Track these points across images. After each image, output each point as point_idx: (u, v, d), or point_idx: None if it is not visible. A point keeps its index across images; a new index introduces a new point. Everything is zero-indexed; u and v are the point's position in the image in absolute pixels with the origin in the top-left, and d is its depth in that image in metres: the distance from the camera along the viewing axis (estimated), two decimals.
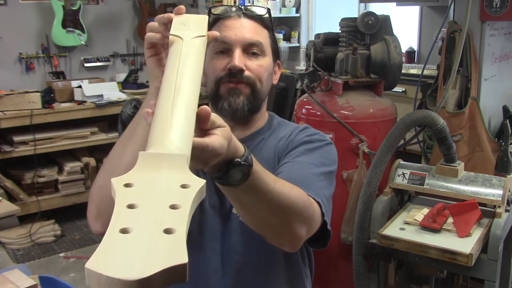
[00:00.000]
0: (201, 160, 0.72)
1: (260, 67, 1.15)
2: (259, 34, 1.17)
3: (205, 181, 0.57)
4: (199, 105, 0.72)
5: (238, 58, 1.12)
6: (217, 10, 1.20)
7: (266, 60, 1.18)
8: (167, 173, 0.57)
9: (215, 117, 0.74)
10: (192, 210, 0.53)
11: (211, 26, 1.19)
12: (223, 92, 1.15)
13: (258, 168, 0.85)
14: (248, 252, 1.17)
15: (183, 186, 0.55)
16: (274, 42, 1.22)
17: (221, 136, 0.73)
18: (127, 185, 0.55)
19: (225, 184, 0.81)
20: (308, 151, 1.15)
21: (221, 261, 1.16)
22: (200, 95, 0.75)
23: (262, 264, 1.18)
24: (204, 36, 0.83)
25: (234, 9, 1.18)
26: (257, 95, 1.16)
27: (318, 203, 1.03)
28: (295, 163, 1.12)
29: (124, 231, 0.49)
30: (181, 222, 0.51)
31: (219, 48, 1.15)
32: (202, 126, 0.72)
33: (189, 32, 0.82)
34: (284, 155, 1.18)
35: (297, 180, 1.01)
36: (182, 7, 0.89)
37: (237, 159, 0.79)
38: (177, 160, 0.59)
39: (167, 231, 0.49)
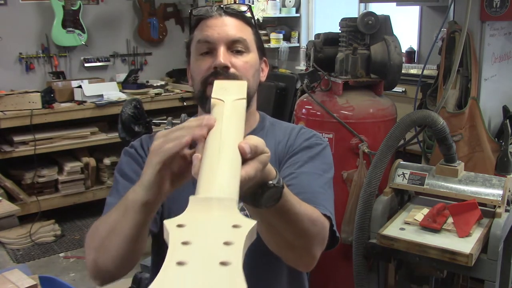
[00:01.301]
0: None
1: (245, 64, 1.13)
2: (242, 31, 1.15)
3: (255, 222, 0.58)
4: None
5: (223, 56, 1.10)
6: (198, 11, 1.18)
7: (252, 57, 1.16)
8: (218, 215, 0.60)
9: (257, 142, 0.73)
10: (245, 248, 0.55)
11: (193, 28, 1.18)
12: (210, 92, 1.13)
13: (286, 190, 0.86)
14: (250, 256, 1.16)
15: (235, 226, 0.57)
16: (258, 39, 1.21)
17: (257, 162, 0.73)
18: (180, 226, 0.57)
19: (258, 207, 0.82)
20: (310, 158, 1.15)
21: None
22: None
23: (264, 267, 1.18)
24: (244, 98, 0.85)
25: (215, 8, 1.16)
26: None
27: (329, 217, 1.05)
28: (302, 176, 1.12)
29: (180, 263, 0.51)
30: (236, 256, 0.52)
31: (203, 49, 1.13)
32: (244, 157, 0.72)
33: (229, 96, 0.84)
34: (286, 160, 1.18)
35: (307, 196, 1.03)
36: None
37: (270, 182, 0.80)
38: (227, 204, 0.62)
39: (223, 264, 0.51)
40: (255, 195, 0.80)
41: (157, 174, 0.79)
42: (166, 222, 0.57)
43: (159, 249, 1.20)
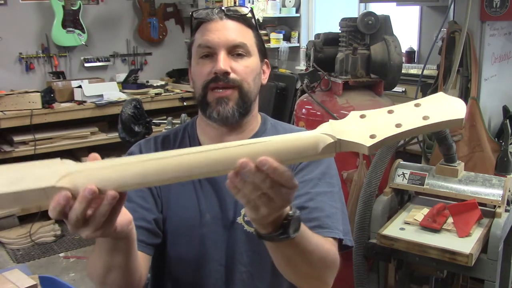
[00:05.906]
0: (281, 196, 0.72)
1: (246, 68, 1.12)
2: (243, 35, 1.14)
3: None
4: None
5: (223, 61, 1.09)
6: (199, 14, 1.17)
7: (253, 60, 1.15)
8: None
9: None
10: None
11: (194, 30, 1.17)
12: (211, 100, 1.12)
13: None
14: (253, 261, 1.16)
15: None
16: (260, 41, 1.20)
17: None
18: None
19: (288, 238, 0.83)
20: (322, 174, 1.16)
21: (225, 272, 1.16)
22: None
23: (267, 273, 1.18)
24: None
25: (216, 11, 1.15)
26: (246, 97, 1.13)
27: (340, 239, 1.10)
28: (317, 198, 1.13)
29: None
30: None
31: (204, 53, 1.12)
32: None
33: None
34: (296, 172, 1.16)
35: (323, 221, 1.08)
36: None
37: (291, 212, 0.82)
38: None
39: None
40: (283, 228, 0.82)
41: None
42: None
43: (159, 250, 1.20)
